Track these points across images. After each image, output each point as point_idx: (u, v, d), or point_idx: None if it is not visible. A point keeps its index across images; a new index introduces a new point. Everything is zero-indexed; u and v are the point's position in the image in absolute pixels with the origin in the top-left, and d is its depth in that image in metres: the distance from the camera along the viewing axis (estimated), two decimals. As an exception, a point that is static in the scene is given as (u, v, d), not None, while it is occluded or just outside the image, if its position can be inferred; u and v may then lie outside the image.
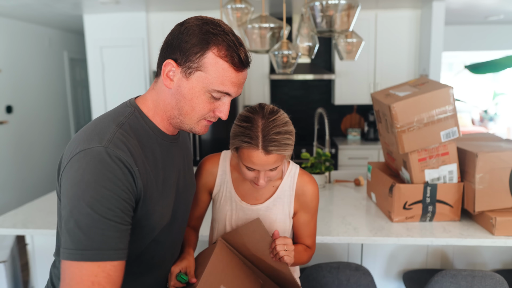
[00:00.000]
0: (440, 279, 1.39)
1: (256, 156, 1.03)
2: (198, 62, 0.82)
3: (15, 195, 4.34)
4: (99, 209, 0.74)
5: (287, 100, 4.71)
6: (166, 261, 1.06)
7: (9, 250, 2.12)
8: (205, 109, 0.86)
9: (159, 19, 4.12)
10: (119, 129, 0.82)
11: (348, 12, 1.60)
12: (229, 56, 0.82)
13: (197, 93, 0.84)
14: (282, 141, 1.02)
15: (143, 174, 0.83)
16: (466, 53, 6.73)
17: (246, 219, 1.21)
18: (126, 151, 0.79)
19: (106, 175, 0.75)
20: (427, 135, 1.67)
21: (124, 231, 0.77)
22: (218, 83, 0.83)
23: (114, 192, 0.75)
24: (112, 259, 0.75)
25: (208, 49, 0.81)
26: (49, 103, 4.89)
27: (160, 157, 0.91)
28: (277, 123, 1.04)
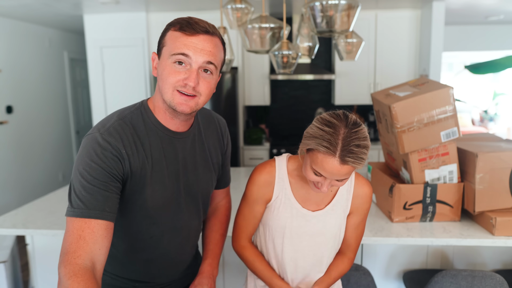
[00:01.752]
0: (440, 279, 1.39)
1: (330, 163, 1.00)
2: (162, 42, 1.00)
3: (15, 195, 4.34)
4: (87, 177, 0.94)
5: (287, 100, 4.71)
6: (169, 248, 1.15)
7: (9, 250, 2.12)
8: (171, 77, 0.97)
9: (159, 19, 4.12)
10: (119, 121, 1.01)
11: (348, 12, 1.60)
12: (182, 27, 0.96)
13: (164, 65, 0.98)
14: (359, 154, 0.99)
15: (131, 157, 0.99)
16: (466, 53, 6.73)
17: (307, 225, 1.20)
18: (117, 138, 0.98)
19: (96, 153, 0.95)
20: (427, 135, 1.67)
21: (108, 197, 0.95)
22: (174, 48, 0.96)
23: (99, 165, 0.95)
24: (97, 217, 0.92)
25: (168, 30, 0.99)
26: (49, 103, 4.89)
27: (159, 147, 1.05)
28: (359, 135, 1.00)
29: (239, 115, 4.10)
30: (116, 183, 0.97)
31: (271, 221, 1.21)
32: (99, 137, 0.97)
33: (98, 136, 0.97)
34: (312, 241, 1.21)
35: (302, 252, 1.22)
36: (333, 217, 1.21)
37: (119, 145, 0.97)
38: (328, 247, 1.23)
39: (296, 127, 4.73)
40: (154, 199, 1.05)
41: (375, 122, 4.39)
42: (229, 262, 1.90)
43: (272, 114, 4.77)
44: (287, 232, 1.20)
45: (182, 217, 1.14)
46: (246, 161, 4.28)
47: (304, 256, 1.22)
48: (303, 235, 1.20)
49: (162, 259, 1.16)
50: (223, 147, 1.25)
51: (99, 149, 0.95)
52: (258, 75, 4.29)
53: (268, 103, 4.36)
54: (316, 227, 1.20)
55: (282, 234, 1.20)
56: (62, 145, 5.18)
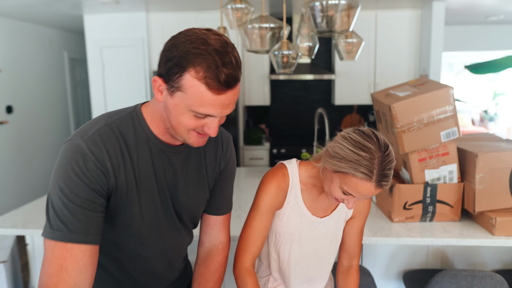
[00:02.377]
0: (440, 279, 1.39)
1: (366, 188, 0.99)
2: (178, 83, 0.81)
3: (15, 195, 4.33)
4: (68, 194, 0.82)
5: (287, 100, 4.71)
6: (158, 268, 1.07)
7: (9, 250, 2.12)
8: (190, 125, 0.86)
9: (159, 19, 4.12)
10: (105, 127, 0.90)
11: (348, 12, 1.60)
12: (207, 78, 0.78)
13: (181, 111, 0.84)
14: (391, 176, 1.00)
15: (117, 169, 0.89)
16: (466, 53, 6.73)
17: (315, 231, 1.21)
18: (102, 147, 0.87)
19: (78, 165, 0.84)
20: (427, 135, 1.67)
21: (92, 217, 0.85)
22: (197, 105, 0.81)
23: (82, 181, 0.83)
24: (80, 242, 0.82)
25: (186, 71, 0.79)
26: (49, 103, 4.89)
27: (148, 160, 0.94)
28: (390, 158, 1.00)
29: (239, 115, 4.10)
30: (100, 199, 0.87)
31: (279, 228, 1.20)
32: (83, 145, 0.85)
33: (81, 144, 0.85)
34: (316, 245, 1.22)
35: (307, 256, 1.23)
36: (337, 221, 1.23)
37: (104, 157, 0.86)
38: (330, 249, 1.25)
39: (296, 127, 4.73)
40: (142, 217, 0.95)
41: (375, 122, 4.39)
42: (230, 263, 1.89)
43: (272, 114, 4.77)
44: (295, 238, 1.20)
45: (172, 237, 1.05)
46: (246, 161, 4.28)
47: (308, 260, 1.23)
48: (309, 241, 1.22)
49: (149, 277, 1.08)
50: (221, 165, 1.10)
51: (82, 160, 0.84)
52: (258, 75, 4.29)
53: (268, 103, 4.36)
54: (322, 232, 1.22)
55: (291, 240, 1.21)
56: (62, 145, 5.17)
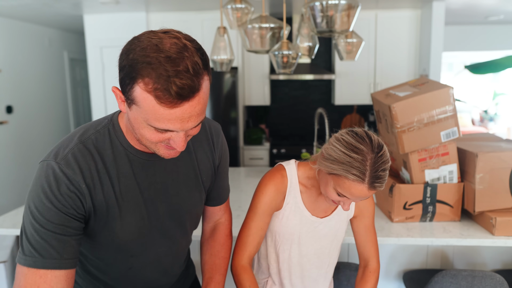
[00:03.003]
0: (440, 279, 1.39)
1: (359, 189, 0.99)
2: (130, 95, 0.73)
3: (15, 195, 4.34)
4: (39, 219, 0.79)
5: (287, 100, 4.71)
6: (153, 276, 1.04)
7: (9, 250, 2.12)
8: (154, 139, 0.78)
9: (159, 19, 4.12)
10: (79, 145, 0.85)
11: (348, 12, 1.60)
12: (157, 91, 0.69)
13: (140, 125, 0.77)
14: (385, 177, 0.99)
15: (93, 190, 0.84)
16: (466, 53, 6.73)
17: (315, 231, 1.20)
18: (76, 168, 0.82)
19: (51, 189, 0.80)
20: (427, 135, 1.67)
21: (66, 241, 0.81)
22: (153, 120, 0.73)
23: (55, 205, 0.80)
24: (53, 268, 0.78)
25: (135, 82, 0.71)
26: (49, 103, 4.89)
27: (129, 174, 0.89)
28: (384, 159, 0.99)
29: (239, 115, 4.10)
30: (75, 223, 0.82)
31: (279, 228, 1.20)
32: (55, 167, 0.81)
33: (53, 165, 0.81)
34: (317, 245, 1.22)
35: (308, 257, 1.23)
36: (338, 221, 1.23)
37: (77, 178, 0.82)
38: (331, 249, 1.25)
39: (296, 127, 4.73)
40: (127, 231, 0.91)
41: (375, 122, 4.39)
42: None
43: (272, 114, 4.77)
44: (295, 239, 1.20)
45: (166, 243, 1.01)
46: (246, 161, 4.28)
47: (309, 260, 1.23)
48: (310, 241, 1.21)
49: (146, 285, 1.05)
50: (216, 159, 1.06)
51: (54, 183, 0.80)
52: (258, 75, 4.29)
53: (268, 103, 4.36)
54: (322, 232, 1.22)
55: (290, 241, 1.21)
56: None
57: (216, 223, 1.19)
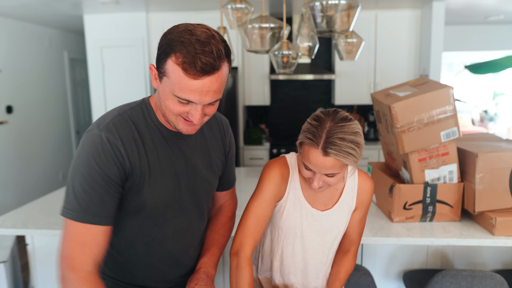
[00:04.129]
0: (440, 279, 1.39)
1: (314, 155, 1.02)
2: (163, 68, 0.89)
3: (15, 195, 4.34)
4: (87, 181, 0.92)
5: (287, 100, 4.71)
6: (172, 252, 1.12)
7: (9, 250, 2.12)
8: (175, 110, 0.92)
9: (159, 19, 4.12)
10: (118, 117, 0.99)
11: (348, 12, 1.60)
12: (184, 64, 0.85)
13: (167, 96, 0.91)
14: (343, 147, 0.99)
15: (131, 155, 0.96)
16: (466, 53, 6.73)
17: (317, 225, 1.20)
18: (116, 135, 0.95)
19: (96, 153, 0.93)
20: (427, 135, 1.67)
21: (108, 201, 0.95)
22: (178, 90, 0.88)
23: (100, 168, 0.93)
24: (97, 223, 0.93)
25: (168, 57, 0.87)
26: (49, 103, 4.89)
27: (159, 146, 1.02)
28: (345, 129, 1.01)
29: (239, 115, 4.10)
30: (116, 185, 0.96)
31: (281, 223, 1.21)
32: (99, 134, 0.94)
33: (98, 133, 0.95)
34: (321, 240, 1.22)
35: (312, 251, 1.23)
36: (341, 215, 1.23)
37: (118, 143, 0.95)
38: (335, 244, 1.25)
39: (296, 127, 4.73)
40: (154, 199, 1.02)
41: (375, 122, 4.39)
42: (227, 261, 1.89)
43: (272, 114, 4.77)
44: (298, 232, 1.21)
45: (185, 219, 1.11)
46: (246, 161, 4.28)
47: (313, 254, 1.23)
48: (312, 235, 1.21)
49: (165, 263, 1.13)
50: (226, 146, 1.21)
51: (99, 148, 0.93)
52: (258, 75, 4.29)
53: (268, 103, 4.36)
54: (325, 226, 1.21)
55: (293, 234, 1.21)
56: (62, 145, 5.17)
57: (221, 205, 1.31)
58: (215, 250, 1.20)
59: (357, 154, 1.02)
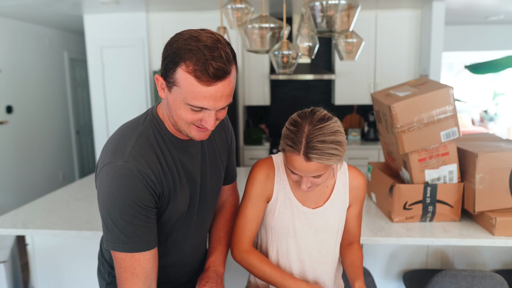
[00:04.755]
0: (440, 279, 1.39)
1: (297, 161, 1.02)
2: (172, 78, 0.87)
3: (16, 195, 4.34)
4: (127, 217, 0.93)
5: (287, 100, 4.71)
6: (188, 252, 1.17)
7: (9, 250, 2.12)
8: (188, 119, 0.92)
9: (159, 19, 4.12)
10: (137, 141, 0.96)
11: (348, 12, 1.60)
12: (196, 71, 0.84)
13: (178, 105, 0.90)
14: (325, 150, 0.99)
15: (159, 179, 0.97)
16: (466, 53, 6.73)
17: (309, 223, 1.21)
18: (144, 163, 0.94)
19: (129, 188, 0.92)
20: (427, 135, 1.67)
21: (150, 227, 0.97)
22: (191, 98, 0.87)
23: (137, 202, 0.93)
24: (143, 250, 0.95)
25: (178, 66, 0.86)
26: (49, 103, 4.89)
27: (177, 159, 1.03)
28: (324, 131, 1.00)
29: (239, 115, 4.10)
30: (153, 210, 0.98)
31: (273, 223, 1.21)
32: (127, 168, 0.92)
33: (125, 167, 0.92)
34: (316, 238, 1.22)
35: (307, 251, 1.22)
36: (333, 212, 1.22)
37: (148, 172, 0.94)
38: (331, 242, 1.24)
39: (296, 127, 4.72)
40: (176, 209, 1.05)
41: (375, 122, 4.39)
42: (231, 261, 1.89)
43: (272, 114, 4.77)
44: (290, 232, 1.20)
45: (199, 219, 1.16)
46: (246, 161, 4.28)
47: (309, 254, 1.23)
48: (306, 234, 1.21)
49: (181, 262, 1.17)
50: (228, 141, 1.25)
51: (132, 181, 0.92)
52: (258, 75, 4.29)
53: (268, 103, 4.36)
54: (318, 224, 1.21)
55: (286, 234, 1.21)
56: (62, 145, 5.18)
57: (224, 202, 1.34)
58: (222, 248, 1.22)
59: (340, 153, 1.02)
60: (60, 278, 1.95)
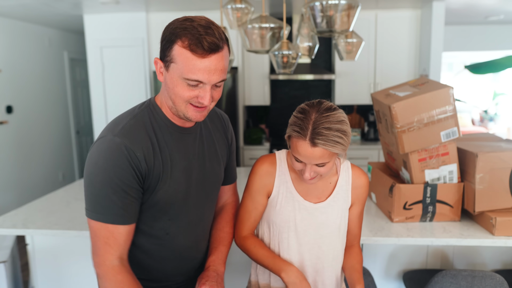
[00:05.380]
0: (440, 279, 1.39)
1: (302, 146, 1.05)
2: (169, 55, 0.94)
3: (16, 195, 4.34)
4: (106, 189, 0.96)
5: (287, 100, 4.71)
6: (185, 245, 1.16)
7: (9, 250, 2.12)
8: (185, 96, 0.97)
9: (159, 19, 4.12)
10: (131, 120, 1.02)
11: (348, 12, 1.60)
12: (191, 45, 0.91)
13: (175, 82, 0.96)
14: (330, 137, 1.03)
15: (147, 157, 1.00)
16: (466, 53, 6.73)
17: (311, 218, 1.21)
18: (132, 140, 0.98)
19: (113, 161, 0.96)
20: (427, 135, 1.67)
21: (128, 204, 0.99)
22: (186, 71, 0.93)
23: (118, 176, 0.96)
24: (118, 223, 0.98)
25: (174, 42, 0.93)
26: (49, 103, 4.89)
27: (172, 144, 1.06)
28: (330, 119, 1.04)
29: (239, 115, 4.10)
30: (135, 189, 1.00)
31: (274, 217, 1.23)
32: (114, 141, 0.97)
33: (112, 140, 0.97)
34: (317, 234, 1.22)
35: (308, 246, 1.22)
36: (335, 209, 1.23)
37: (134, 147, 0.98)
38: (332, 239, 1.24)
39: (296, 127, 4.72)
40: (168, 194, 1.06)
41: (375, 122, 4.39)
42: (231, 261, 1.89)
43: (272, 114, 4.77)
44: (291, 226, 1.21)
45: (197, 212, 1.16)
46: (246, 161, 4.28)
47: (310, 249, 1.23)
48: (307, 229, 1.21)
49: (178, 257, 1.17)
50: (229, 139, 1.27)
51: (116, 155, 0.96)
52: (258, 75, 4.29)
53: (268, 103, 4.36)
54: (319, 220, 1.21)
55: (287, 228, 1.21)
56: (62, 145, 5.17)
57: (224, 203, 1.35)
58: (222, 247, 1.24)
59: (345, 142, 1.05)
60: (60, 278, 1.95)
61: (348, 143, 1.07)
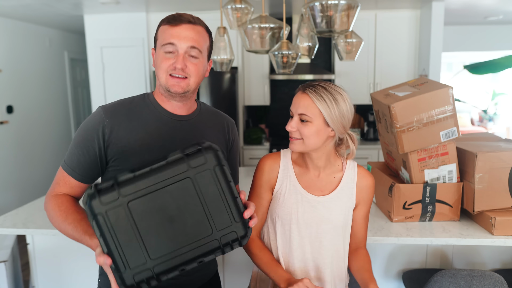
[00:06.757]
0: (440, 279, 1.39)
1: (296, 96, 1.18)
2: (156, 37, 1.14)
3: (16, 195, 4.34)
4: (74, 141, 1.12)
5: (287, 100, 4.72)
6: None
7: (10, 250, 2.12)
8: (164, 65, 1.09)
9: (159, 19, 4.06)
10: (121, 100, 1.16)
11: (347, 12, 1.60)
12: (169, 19, 1.09)
13: (157, 55, 1.11)
14: (321, 92, 1.13)
15: (117, 126, 1.10)
16: (465, 53, 6.74)
17: (313, 211, 1.22)
18: (109, 109, 1.12)
19: (88, 120, 1.12)
20: (427, 135, 1.67)
21: (82, 162, 1.10)
22: (162, 40, 1.09)
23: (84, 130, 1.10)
24: (68, 173, 1.11)
25: (159, 26, 1.12)
26: (50, 103, 4.90)
27: (155, 125, 1.14)
28: (330, 85, 1.15)
29: (239, 115, 4.11)
30: (94, 148, 1.09)
31: (278, 209, 1.24)
32: (100, 107, 1.13)
33: (98, 109, 1.13)
34: (319, 229, 1.22)
35: (309, 239, 1.23)
36: (339, 205, 1.23)
37: (107, 115, 1.10)
38: (334, 236, 1.24)
39: (296, 127, 4.73)
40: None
41: (374, 122, 4.40)
42: (231, 261, 1.90)
43: (272, 114, 4.77)
44: (293, 218, 1.22)
45: None
46: (246, 161, 4.28)
47: (311, 243, 1.23)
48: (309, 222, 1.22)
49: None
50: (228, 142, 1.28)
51: (90, 118, 1.12)
52: (258, 75, 4.29)
53: (268, 103, 4.37)
54: (322, 213, 1.22)
55: (289, 220, 1.22)
56: (62, 145, 5.18)
57: None
58: None
59: (331, 106, 1.12)
60: (61, 277, 1.95)
61: (335, 113, 1.13)
